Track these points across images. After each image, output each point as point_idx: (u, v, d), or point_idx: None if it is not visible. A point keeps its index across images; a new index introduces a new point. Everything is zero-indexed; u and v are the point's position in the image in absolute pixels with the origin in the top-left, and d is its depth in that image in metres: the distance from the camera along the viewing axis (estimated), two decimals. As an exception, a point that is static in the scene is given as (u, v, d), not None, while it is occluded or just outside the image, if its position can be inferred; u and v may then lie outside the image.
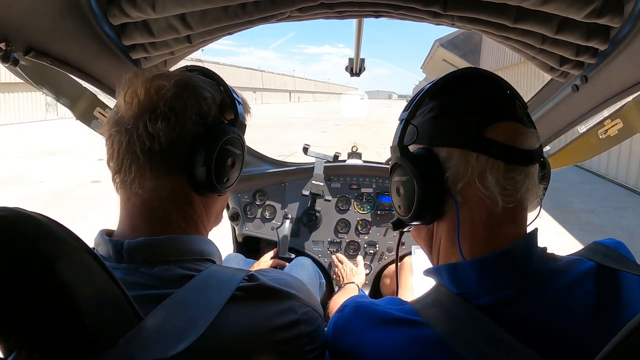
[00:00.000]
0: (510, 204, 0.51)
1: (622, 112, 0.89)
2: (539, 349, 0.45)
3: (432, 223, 0.58)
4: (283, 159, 2.01)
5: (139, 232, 0.55)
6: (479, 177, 0.51)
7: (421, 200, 0.54)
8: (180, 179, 0.57)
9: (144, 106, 0.54)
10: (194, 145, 0.56)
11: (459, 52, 18.44)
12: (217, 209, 0.67)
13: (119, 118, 0.56)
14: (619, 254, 0.56)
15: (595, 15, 0.67)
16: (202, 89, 0.59)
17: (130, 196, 0.56)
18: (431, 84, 0.58)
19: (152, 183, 0.55)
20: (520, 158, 0.52)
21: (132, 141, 0.54)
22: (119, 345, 0.39)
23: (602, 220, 5.22)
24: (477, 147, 0.51)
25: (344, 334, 0.57)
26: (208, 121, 0.58)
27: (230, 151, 0.60)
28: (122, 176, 0.55)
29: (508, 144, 0.51)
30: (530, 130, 0.54)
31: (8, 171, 7.25)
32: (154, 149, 0.54)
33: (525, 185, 0.52)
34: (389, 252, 1.67)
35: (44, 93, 0.89)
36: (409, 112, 0.57)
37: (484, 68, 0.60)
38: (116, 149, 0.55)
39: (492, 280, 0.51)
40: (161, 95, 0.54)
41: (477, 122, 0.53)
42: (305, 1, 0.75)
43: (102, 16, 0.76)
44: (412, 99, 0.58)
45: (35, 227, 0.37)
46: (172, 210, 0.57)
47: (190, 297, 0.48)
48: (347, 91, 3.58)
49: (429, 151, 0.55)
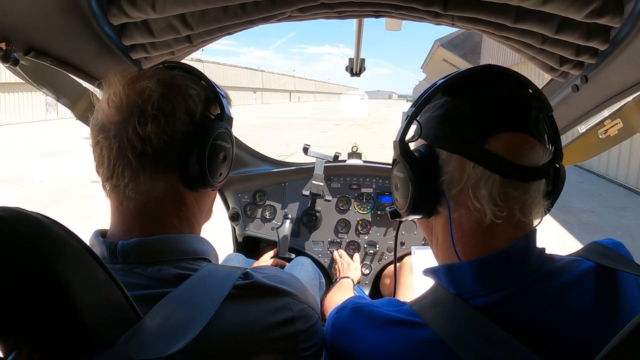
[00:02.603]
0: (499, 220, 0.50)
1: (622, 112, 0.89)
2: (538, 349, 0.45)
3: (430, 218, 0.58)
4: (283, 159, 2.01)
5: (133, 233, 0.55)
6: (473, 187, 0.50)
7: (415, 199, 0.54)
8: (173, 179, 0.57)
9: (129, 110, 0.54)
10: (185, 144, 0.56)
11: (459, 52, 18.43)
12: (209, 203, 0.68)
13: (104, 124, 0.55)
14: (618, 254, 0.56)
15: (595, 15, 0.67)
16: (187, 87, 0.59)
17: (122, 200, 0.56)
18: (446, 78, 0.55)
19: (146, 186, 0.55)
20: (519, 174, 0.50)
21: (123, 146, 0.53)
22: (118, 344, 0.39)
23: (602, 221, 5.22)
24: (476, 158, 0.50)
25: (343, 336, 0.57)
26: (196, 119, 0.58)
27: (221, 146, 0.61)
28: (114, 182, 0.55)
29: (507, 159, 0.49)
30: (539, 144, 0.52)
31: (8, 171, 7.25)
32: (147, 151, 0.53)
33: (522, 201, 0.50)
34: (389, 252, 1.67)
35: (44, 93, 0.89)
36: (415, 109, 0.55)
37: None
38: (106, 155, 0.54)
39: (490, 280, 0.51)
40: (147, 96, 0.54)
41: (479, 132, 0.51)
42: (305, 1, 0.75)
43: (102, 16, 0.76)
44: (423, 94, 0.56)
45: (35, 227, 0.37)
46: (166, 210, 0.57)
47: (188, 295, 0.48)
48: (347, 91, 3.58)
49: (431, 150, 0.55)
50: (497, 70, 0.55)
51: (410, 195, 0.54)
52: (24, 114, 17.58)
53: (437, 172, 0.53)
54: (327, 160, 1.65)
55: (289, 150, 10.18)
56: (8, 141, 11.24)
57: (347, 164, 1.72)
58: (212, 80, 0.65)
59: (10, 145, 10.46)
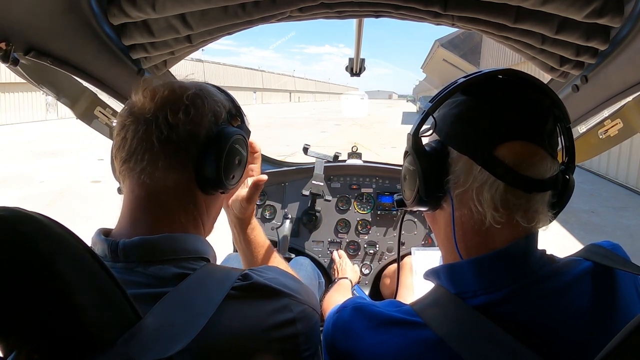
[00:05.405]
0: (498, 225, 0.50)
1: (622, 112, 0.89)
2: (538, 348, 0.45)
3: (436, 211, 0.59)
4: (283, 159, 2.01)
5: (138, 228, 0.56)
6: (477, 190, 0.51)
7: (420, 193, 0.55)
8: (188, 176, 0.58)
9: (166, 99, 0.57)
10: (207, 140, 0.59)
11: (459, 52, 18.45)
12: (217, 210, 0.68)
13: (135, 111, 0.57)
14: (616, 255, 0.56)
15: (595, 15, 0.67)
16: (216, 94, 0.64)
17: (134, 187, 0.57)
18: (468, 77, 0.55)
19: (161, 174, 0.56)
20: (523, 184, 0.50)
21: (150, 130, 0.55)
22: (118, 344, 0.39)
23: (602, 221, 5.22)
24: (483, 163, 0.51)
25: (344, 335, 0.57)
26: (220, 121, 0.62)
27: (239, 150, 0.63)
28: (131, 164, 0.56)
29: (513, 168, 0.50)
30: (548, 157, 0.51)
31: (8, 171, 7.25)
32: (172, 138, 0.56)
33: (524, 209, 0.51)
34: (389, 252, 1.67)
35: (44, 93, 0.89)
36: (432, 104, 0.55)
37: (484, 68, 0.57)
38: (129, 138, 0.56)
39: (490, 279, 0.51)
40: (184, 89, 0.59)
41: (490, 138, 0.51)
42: (305, 1, 0.75)
43: (102, 16, 0.76)
44: (443, 90, 0.55)
45: (35, 226, 0.37)
46: (175, 203, 0.58)
47: (187, 296, 0.48)
48: (347, 91, 3.59)
49: (442, 147, 0.55)
50: (519, 76, 0.54)
51: (417, 189, 0.55)
52: (24, 114, 17.57)
53: (446, 169, 0.54)
54: (327, 160, 1.65)
55: (289, 150, 10.18)
56: (8, 141, 11.23)
57: (347, 164, 1.72)
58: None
59: (10, 145, 10.46)
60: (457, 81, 0.55)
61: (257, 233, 0.84)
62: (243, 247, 0.84)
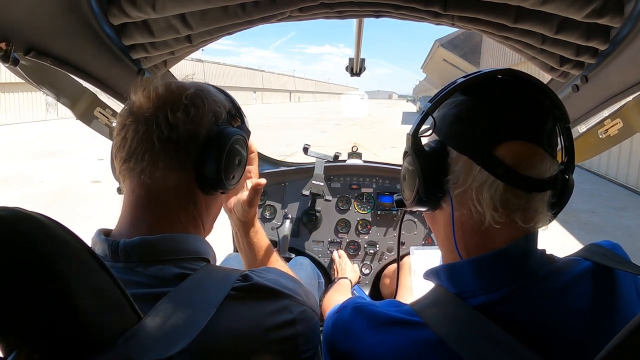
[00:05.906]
0: (498, 225, 0.50)
1: (622, 112, 0.89)
2: (537, 348, 0.45)
3: (435, 211, 0.59)
4: (283, 159, 2.01)
5: (139, 228, 0.56)
6: (477, 190, 0.51)
7: (420, 193, 0.55)
8: (189, 176, 0.58)
9: (165, 99, 0.57)
10: (207, 140, 0.58)
11: (459, 52, 18.45)
12: (217, 210, 0.68)
13: (135, 111, 0.57)
14: (616, 255, 0.56)
15: (595, 15, 0.67)
16: (216, 94, 0.64)
17: (135, 187, 0.57)
18: (467, 77, 0.54)
19: (161, 173, 0.56)
20: (523, 184, 0.50)
21: (150, 130, 0.55)
22: (118, 345, 0.39)
23: (602, 221, 5.22)
24: (483, 163, 0.51)
25: (344, 335, 0.57)
26: (220, 121, 0.61)
27: (239, 150, 0.63)
28: (131, 164, 0.56)
29: (513, 168, 0.50)
30: (548, 157, 0.51)
31: (8, 171, 7.25)
32: (172, 138, 0.56)
33: (524, 209, 0.51)
34: (389, 252, 1.67)
35: (44, 93, 0.89)
36: (432, 104, 0.55)
37: (484, 68, 0.57)
38: (130, 138, 0.56)
39: (490, 278, 0.51)
40: (183, 89, 0.59)
41: (490, 138, 0.51)
42: (305, 1, 0.75)
43: (102, 16, 0.76)
44: (442, 90, 0.56)
45: (35, 227, 0.37)
46: (176, 203, 0.58)
47: (187, 296, 0.48)
48: (347, 91, 3.59)
49: (442, 147, 0.55)
50: (519, 76, 0.54)
51: (416, 189, 0.55)
52: (24, 114, 17.57)
53: (445, 169, 0.54)
54: (327, 160, 1.65)
55: (289, 150, 10.18)
56: (8, 141, 11.23)
57: (347, 164, 1.72)
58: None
59: (10, 145, 10.46)
60: (456, 81, 0.55)
61: (260, 236, 0.84)
62: (245, 249, 0.84)
